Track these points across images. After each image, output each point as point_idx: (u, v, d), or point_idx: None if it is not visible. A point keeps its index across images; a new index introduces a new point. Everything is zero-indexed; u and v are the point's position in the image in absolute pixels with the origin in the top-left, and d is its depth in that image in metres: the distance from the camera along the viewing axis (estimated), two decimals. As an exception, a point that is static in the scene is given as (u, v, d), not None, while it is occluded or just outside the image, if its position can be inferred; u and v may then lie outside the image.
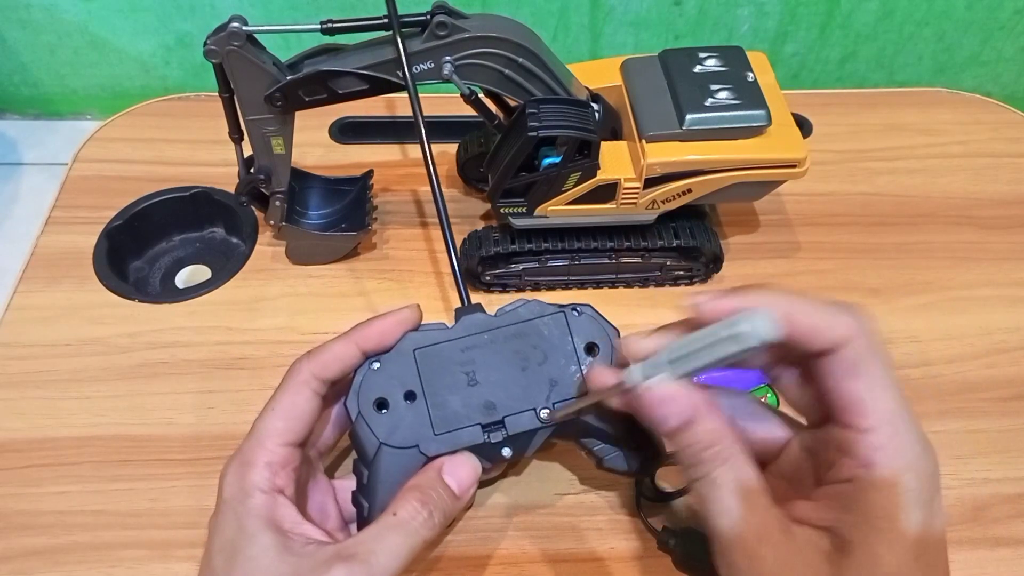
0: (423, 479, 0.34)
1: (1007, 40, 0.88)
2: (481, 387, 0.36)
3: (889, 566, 0.27)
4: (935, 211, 0.56)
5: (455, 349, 0.36)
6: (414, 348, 0.36)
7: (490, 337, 0.37)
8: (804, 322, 0.29)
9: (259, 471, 0.33)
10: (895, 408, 0.29)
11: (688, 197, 0.47)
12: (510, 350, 0.36)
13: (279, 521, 0.32)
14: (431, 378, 0.36)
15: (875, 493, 0.28)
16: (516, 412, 0.36)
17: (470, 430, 0.35)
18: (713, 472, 0.29)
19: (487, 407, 0.36)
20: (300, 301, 0.50)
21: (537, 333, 0.37)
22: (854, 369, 0.29)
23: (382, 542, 0.31)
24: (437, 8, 0.42)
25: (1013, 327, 0.50)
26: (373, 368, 0.36)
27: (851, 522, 0.28)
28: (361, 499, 0.35)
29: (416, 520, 0.32)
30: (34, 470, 0.43)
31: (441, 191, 0.41)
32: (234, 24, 0.41)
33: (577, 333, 0.37)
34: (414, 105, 0.42)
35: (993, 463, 0.44)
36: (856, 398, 0.29)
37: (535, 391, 0.36)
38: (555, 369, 0.36)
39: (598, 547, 0.40)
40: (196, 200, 0.55)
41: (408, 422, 0.35)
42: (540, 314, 0.37)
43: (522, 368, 0.36)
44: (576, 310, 0.37)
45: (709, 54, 0.47)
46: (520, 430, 0.36)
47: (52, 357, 0.47)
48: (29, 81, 1.01)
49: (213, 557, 0.32)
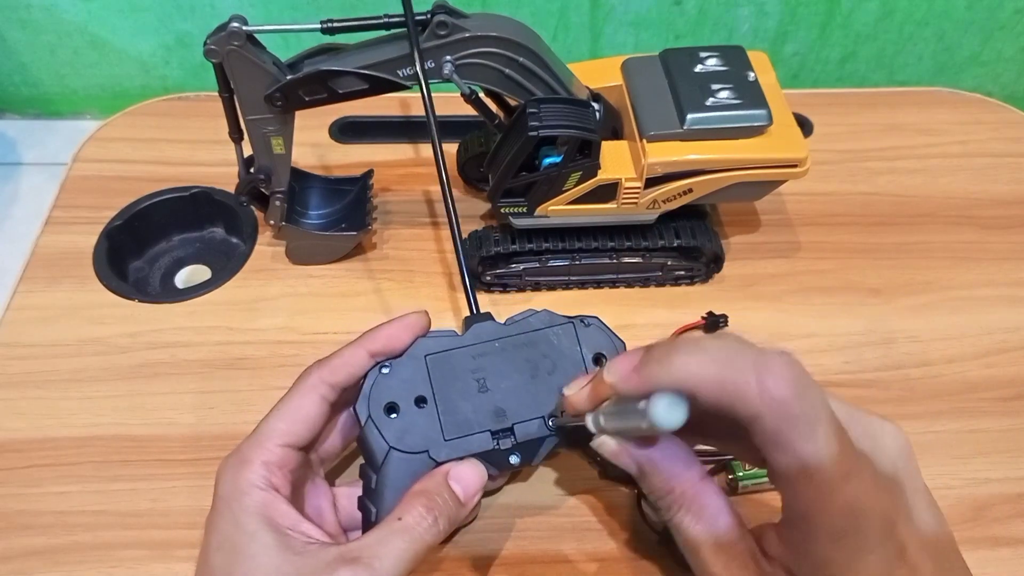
0: (429, 484, 0.34)
1: (1007, 40, 0.88)
2: (492, 394, 0.36)
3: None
4: (935, 211, 0.56)
5: (466, 356, 0.37)
6: (426, 354, 0.36)
7: (501, 345, 0.37)
8: (721, 392, 0.27)
9: (255, 469, 0.33)
10: (832, 472, 0.27)
11: (689, 197, 0.47)
12: (521, 358, 0.37)
13: (278, 519, 0.32)
14: (442, 384, 0.36)
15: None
16: (525, 420, 0.36)
17: (480, 436, 0.36)
18: (674, 518, 0.31)
19: (497, 414, 0.36)
20: (300, 301, 0.50)
21: (547, 342, 0.37)
22: (775, 441, 0.27)
23: (386, 546, 0.31)
24: (437, 8, 0.42)
25: (1013, 327, 0.50)
26: (383, 373, 0.36)
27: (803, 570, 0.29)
28: (368, 503, 0.35)
29: (421, 525, 0.32)
30: (35, 470, 0.42)
31: (452, 197, 0.42)
32: (234, 24, 0.41)
33: (585, 343, 0.37)
34: (427, 106, 0.42)
35: (993, 463, 0.44)
36: (788, 473, 0.27)
37: (544, 399, 0.36)
38: (564, 378, 0.36)
39: (599, 548, 0.40)
40: (196, 200, 0.55)
41: (419, 427, 0.35)
42: (550, 324, 0.38)
43: (532, 376, 0.37)
44: (584, 321, 0.38)
45: (710, 54, 0.47)
46: (529, 437, 0.36)
47: (52, 357, 0.47)
48: (29, 81, 1.01)
49: (211, 555, 0.31)
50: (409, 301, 0.50)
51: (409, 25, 0.42)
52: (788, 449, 0.27)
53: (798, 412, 0.26)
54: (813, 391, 0.27)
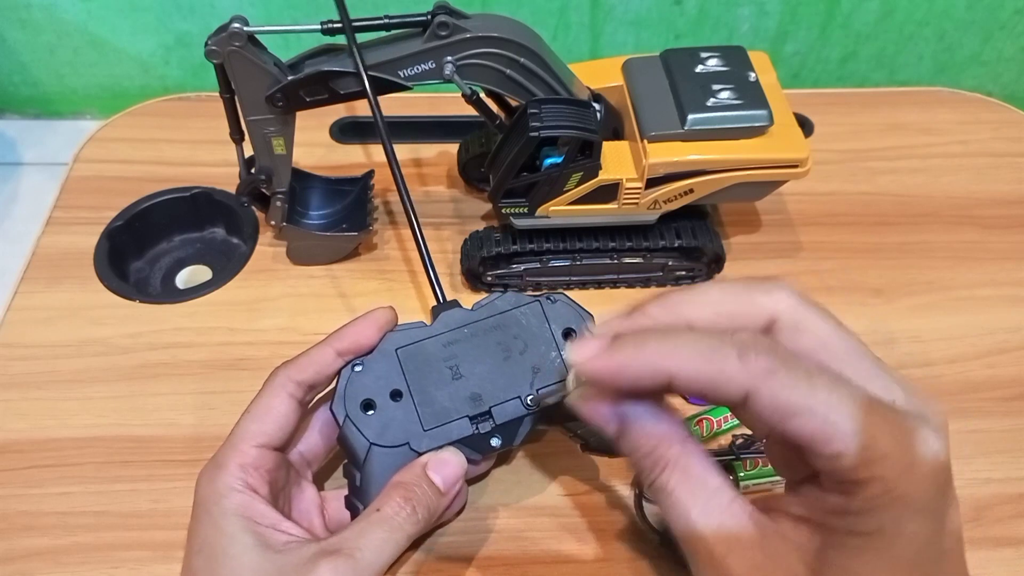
0: (407, 475, 0.34)
1: (1007, 40, 0.88)
2: (466, 380, 0.37)
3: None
4: (936, 211, 0.56)
5: (437, 345, 0.37)
6: (396, 348, 0.37)
7: (470, 331, 0.37)
8: (702, 379, 0.25)
9: (231, 472, 0.33)
10: (846, 410, 0.24)
11: (690, 197, 0.47)
12: (491, 342, 0.37)
13: (257, 519, 0.32)
14: (416, 375, 0.36)
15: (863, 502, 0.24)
16: (502, 401, 0.37)
17: (459, 423, 0.36)
18: (659, 479, 0.27)
19: (473, 399, 0.36)
20: (301, 301, 0.50)
21: (516, 323, 0.38)
22: (777, 401, 0.24)
23: (366, 537, 0.32)
24: (438, 8, 0.42)
25: (1015, 327, 0.50)
26: (356, 371, 0.36)
27: (839, 527, 0.25)
28: (355, 501, 0.35)
29: (400, 515, 0.33)
30: (36, 471, 0.42)
31: (407, 189, 0.42)
32: (235, 24, 0.41)
33: (554, 320, 0.38)
34: (373, 106, 0.42)
35: (995, 463, 0.44)
36: (804, 432, 0.24)
37: (519, 379, 0.37)
38: (536, 357, 0.37)
39: (600, 548, 0.40)
40: (197, 200, 0.55)
41: (397, 420, 0.36)
42: (516, 304, 0.38)
43: (504, 358, 0.37)
44: (550, 298, 0.38)
45: (711, 54, 0.47)
46: (507, 418, 0.36)
47: (53, 358, 0.47)
48: (29, 81, 1.01)
49: (193, 559, 0.32)
50: (410, 301, 0.50)
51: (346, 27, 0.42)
52: (798, 389, 0.24)
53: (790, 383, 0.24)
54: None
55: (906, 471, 0.24)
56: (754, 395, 0.24)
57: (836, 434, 0.24)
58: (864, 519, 0.24)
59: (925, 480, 0.24)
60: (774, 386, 0.24)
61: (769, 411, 0.24)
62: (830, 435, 0.24)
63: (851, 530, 0.24)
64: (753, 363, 0.24)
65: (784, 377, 0.24)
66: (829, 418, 0.24)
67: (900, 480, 0.24)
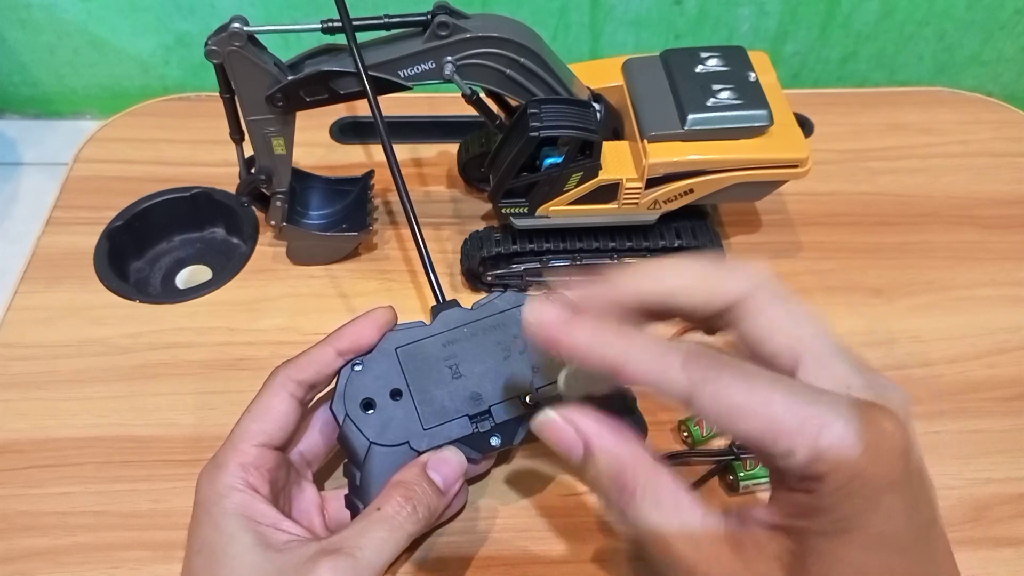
0: (407, 475, 0.34)
1: (1008, 40, 0.88)
2: (466, 379, 0.37)
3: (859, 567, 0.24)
4: (936, 211, 0.56)
5: (436, 344, 0.37)
6: (396, 347, 0.37)
7: (470, 330, 0.38)
8: (648, 379, 0.26)
9: (232, 472, 0.33)
10: (788, 407, 0.24)
11: (690, 197, 0.47)
12: (491, 341, 0.37)
13: (257, 518, 0.32)
14: (416, 375, 0.36)
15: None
16: (502, 400, 0.37)
17: (458, 422, 0.36)
18: (630, 508, 0.26)
19: (473, 398, 0.36)
20: (301, 301, 0.50)
21: (515, 322, 0.38)
22: (717, 404, 0.25)
23: (366, 536, 0.32)
24: (438, 8, 0.42)
25: (1015, 327, 0.50)
26: (356, 370, 0.36)
27: (811, 528, 0.24)
28: (355, 500, 0.35)
29: (400, 515, 0.33)
30: (36, 471, 0.42)
31: (407, 189, 0.43)
32: (235, 24, 0.41)
33: None
34: (372, 106, 0.42)
35: (995, 463, 0.44)
36: (752, 434, 0.24)
37: (518, 378, 0.37)
38: (536, 356, 0.37)
39: (600, 548, 0.40)
40: (197, 200, 0.55)
41: (397, 420, 0.36)
42: (516, 304, 0.38)
43: (504, 357, 0.37)
44: None
45: (711, 54, 0.47)
46: (507, 417, 0.36)
47: (53, 358, 0.47)
48: (29, 81, 1.01)
49: (193, 559, 0.32)
50: (410, 301, 0.50)
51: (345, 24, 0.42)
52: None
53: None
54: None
55: (862, 457, 0.23)
56: (696, 398, 0.25)
57: (782, 431, 0.24)
58: (832, 514, 0.24)
59: (885, 463, 0.24)
60: (714, 389, 0.25)
61: (713, 414, 0.25)
62: (776, 433, 0.24)
63: (823, 530, 0.24)
64: (694, 369, 0.25)
65: (724, 379, 0.25)
66: (773, 417, 0.24)
67: (858, 467, 0.23)
